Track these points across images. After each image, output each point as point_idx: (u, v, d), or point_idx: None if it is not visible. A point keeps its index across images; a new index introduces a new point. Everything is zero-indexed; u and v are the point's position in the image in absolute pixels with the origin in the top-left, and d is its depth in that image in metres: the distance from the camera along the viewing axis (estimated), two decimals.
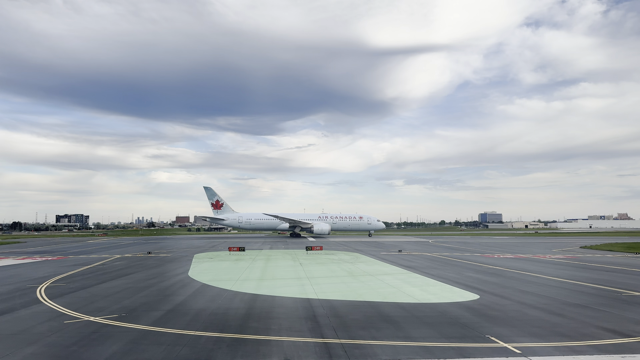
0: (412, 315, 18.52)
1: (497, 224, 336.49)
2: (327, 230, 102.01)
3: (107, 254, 55.34)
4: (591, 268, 38.59)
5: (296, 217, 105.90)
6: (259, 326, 16.63)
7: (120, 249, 64.44)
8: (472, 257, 49.76)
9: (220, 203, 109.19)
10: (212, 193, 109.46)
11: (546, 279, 30.37)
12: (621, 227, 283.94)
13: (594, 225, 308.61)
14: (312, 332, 15.66)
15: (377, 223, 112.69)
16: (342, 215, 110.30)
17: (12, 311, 19.72)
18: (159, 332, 15.74)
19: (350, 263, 41.97)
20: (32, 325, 17.04)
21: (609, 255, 54.98)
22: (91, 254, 54.91)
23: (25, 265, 40.98)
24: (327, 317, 18.02)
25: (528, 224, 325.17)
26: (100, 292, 25.24)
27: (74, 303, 21.53)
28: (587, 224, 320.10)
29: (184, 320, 17.69)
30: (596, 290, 25.77)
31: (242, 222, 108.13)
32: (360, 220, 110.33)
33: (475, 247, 69.62)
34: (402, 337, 14.88)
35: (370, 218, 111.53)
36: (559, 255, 53.76)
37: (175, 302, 22.02)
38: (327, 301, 21.75)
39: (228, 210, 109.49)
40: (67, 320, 17.75)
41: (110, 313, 19.07)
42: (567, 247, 72.08)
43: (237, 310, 19.71)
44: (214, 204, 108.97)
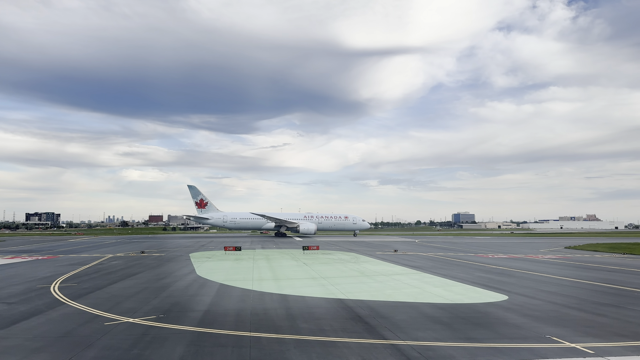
0: (456, 316, 18.51)
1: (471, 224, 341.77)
2: (313, 230, 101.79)
3: (97, 253, 53.96)
4: (592, 268, 39.42)
5: (282, 216, 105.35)
6: (311, 327, 16.36)
7: (109, 249, 62.93)
8: (468, 257, 50.28)
9: (205, 202, 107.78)
10: (196, 192, 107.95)
11: (558, 279, 30.85)
12: (591, 228, 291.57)
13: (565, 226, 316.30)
14: (370, 333, 15.48)
15: (363, 223, 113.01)
16: (328, 215, 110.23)
17: (40, 312, 18.95)
18: (212, 334, 15.33)
19: (354, 263, 41.89)
20: (73, 327, 16.40)
21: (598, 255, 56.31)
22: (80, 253, 53.46)
23: (20, 265, 39.59)
24: (373, 318, 17.86)
25: (501, 225, 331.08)
26: (118, 292, 24.51)
27: (100, 304, 20.84)
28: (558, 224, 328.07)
29: (229, 321, 17.30)
30: (615, 290, 26.29)
31: (227, 222, 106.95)
32: (345, 220, 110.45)
33: (464, 247, 70.42)
34: (464, 338, 14.84)
35: (356, 218, 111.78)
36: (550, 256, 54.79)
37: (205, 302, 21.55)
38: (361, 301, 21.58)
39: (212, 210, 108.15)
40: (106, 322, 17.14)
41: (146, 314, 18.51)
42: (552, 247, 73.52)
43: (276, 311, 19.38)
44: (198, 203, 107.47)
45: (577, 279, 30.86)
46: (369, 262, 43.02)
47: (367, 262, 43.02)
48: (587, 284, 28.49)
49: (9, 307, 20.12)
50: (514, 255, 55.18)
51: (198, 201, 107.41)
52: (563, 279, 30.76)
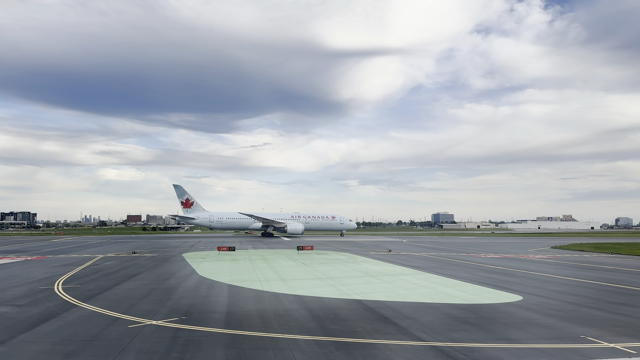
0: (482, 316, 18.51)
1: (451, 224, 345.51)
2: (301, 230, 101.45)
3: (87, 253, 52.80)
4: (588, 268, 40.04)
5: (270, 216, 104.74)
6: (342, 329, 16.17)
7: (96, 249, 61.70)
8: (462, 257, 50.64)
9: (191, 202, 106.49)
10: (182, 191, 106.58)
11: (561, 279, 31.19)
12: (568, 228, 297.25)
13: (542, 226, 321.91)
14: (404, 334, 15.34)
15: (350, 223, 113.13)
16: (315, 215, 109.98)
17: (56, 315, 18.36)
18: (246, 336, 15.02)
19: (353, 263, 41.81)
20: (98, 330, 15.90)
21: (586, 255, 57.24)
22: (69, 254, 52.28)
23: (12, 266, 38.48)
24: (400, 319, 17.73)
25: (480, 225, 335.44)
26: (127, 293, 23.95)
27: (114, 306, 20.30)
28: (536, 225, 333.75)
29: (255, 323, 17.00)
30: (622, 289, 26.66)
31: (214, 222, 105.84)
32: (333, 220, 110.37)
33: (453, 247, 70.94)
34: (502, 339, 14.80)
35: (343, 218, 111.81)
36: (540, 256, 55.50)
37: (221, 303, 21.18)
38: (380, 302, 21.45)
39: (198, 209, 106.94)
40: (129, 325, 16.67)
41: (167, 316, 18.08)
42: (539, 247, 74.53)
43: (298, 312, 19.12)
44: (183, 203, 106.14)
45: (579, 279, 31.27)
46: (367, 262, 42.98)
47: (366, 262, 42.98)
48: (593, 284, 28.88)
49: (21, 310, 19.46)
50: (505, 255, 55.75)
51: (184, 201, 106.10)
52: (566, 279, 31.12)
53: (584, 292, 25.32)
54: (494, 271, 35.71)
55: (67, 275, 31.35)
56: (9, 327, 16.19)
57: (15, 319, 17.58)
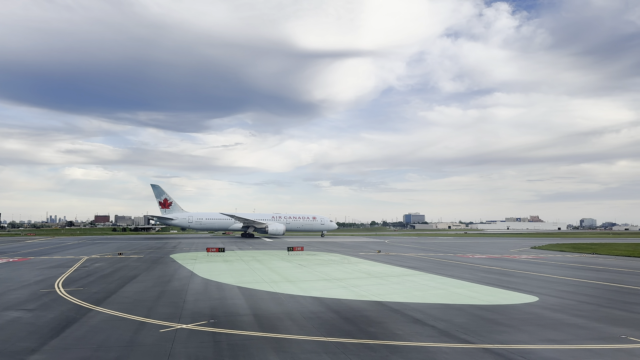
0: (511, 317, 18.56)
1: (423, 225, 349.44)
2: (282, 231, 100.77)
3: (69, 255, 51.15)
4: (581, 269, 40.90)
5: (251, 217, 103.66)
6: (382, 331, 15.96)
7: (76, 250, 59.92)
8: (452, 258, 51.09)
9: (169, 202, 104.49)
10: (160, 191, 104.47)
11: (563, 279, 31.61)
12: (535, 229, 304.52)
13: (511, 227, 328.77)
14: (448, 337, 15.20)
15: (330, 224, 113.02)
16: (296, 216, 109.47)
17: (76, 320, 17.57)
18: (289, 339, 14.64)
19: (350, 264, 41.67)
20: (130, 335, 15.26)
21: (569, 255, 58.40)
22: (51, 255, 50.60)
23: None
24: (434, 321, 17.61)
25: (451, 225, 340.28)
26: (137, 296, 23.20)
27: (131, 309, 19.59)
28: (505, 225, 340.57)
29: (289, 325, 16.64)
30: (628, 289, 27.18)
31: (193, 222, 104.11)
32: (313, 220, 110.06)
33: (436, 247, 71.59)
34: (546, 340, 14.82)
35: (324, 219, 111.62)
36: (525, 256, 56.39)
37: (241, 305, 20.71)
38: (402, 304, 21.31)
39: (177, 210, 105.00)
40: (160, 329, 16.07)
41: (194, 320, 17.52)
42: (519, 247, 75.76)
43: (327, 314, 18.82)
44: (162, 203, 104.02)
45: (579, 279, 31.84)
46: (363, 262, 42.92)
47: (361, 262, 42.91)
48: (596, 284, 29.42)
49: (36, 315, 18.56)
50: (491, 255, 56.48)
51: (162, 201, 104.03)
52: (567, 279, 31.60)
53: (592, 292, 25.77)
54: (492, 272, 36.07)
55: (62, 278, 30.22)
56: (34, 333, 15.39)
57: (34, 324, 16.74)
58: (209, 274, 33.05)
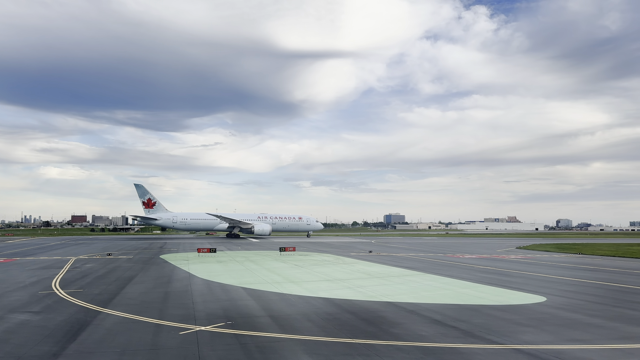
0: (528, 317, 18.57)
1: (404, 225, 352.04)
2: (268, 231, 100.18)
3: (56, 255, 49.99)
4: (575, 269, 41.43)
5: (237, 217, 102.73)
6: (406, 333, 15.79)
7: (61, 251, 58.62)
8: (443, 258, 51.37)
9: (153, 202, 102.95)
10: (143, 191, 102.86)
11: (562, 279, 31.75)
12: (514, 229, 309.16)
13: (490, 227, 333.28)
14: (475, 338, 15.11)
15: (316, 224, 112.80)
16: (282, 216, 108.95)
17: (88, 322, 17.03)
18: (317, 341, 14.38)
19: (345, 264, 41.56)
20: (150, 337, 14.85)
21: (556, 255, 59.05)
22: (37, 256, 49.42)
23: None
24: (453, 321, 17.54)
25: (431, 225, 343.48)
26: (142, 297, 22.70)
27: (141, 311, 19.11)
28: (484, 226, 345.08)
29: (311, 327, 16.39)
30: (630, 289, 27.44)
31: (177, 222, 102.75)
32: (299, 220, 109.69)
33: (424, 248, 71.96)
34: (572, 340, 14.81)
35: (310, 219, 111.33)
36: (513, 256, 56.96)
37: (253, 307, 20.38)
38: (415, 304, 21.22)
39: (161, 210, 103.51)
40: (180, 332, 15.67)
41: (211, 322, 17.13)
42: (505, 247, 76.52)
43: (344, 315, 18.62)
44: (145, 203, 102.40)
45: (578, 279, 32.15)
46: (358, 263, 42.85)
47: (357, 263, 42.84)
48: (597, 284, 29.70)
49: (43, 318, 17.95)
50: (481, 255, 56.91)
51: (145, 201, 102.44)
52: (566, 279, 31.82)
53: (594, 291, 26.04)
54: (489, 272, 36.28)
55: (56, 279, 29.45)
56: (49, 337, 14.84)
57: (46, 328, 16.16)
58: (207, 274, 32.56)
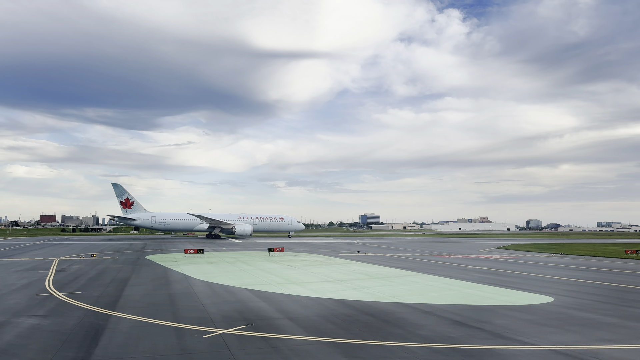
0: (546, 317, 18.72)
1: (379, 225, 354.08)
2: (250, 232, 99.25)
3: (36, 256, 48.36)
4: (566, 269, 42.14)
5: (218, 217, 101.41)
6: (432, 334, 15.71)
7: (41, 251, 56.76)
8: (432, 258, 51.71)
9: (131, 202, 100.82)
10: (121, 190, 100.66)
11: (558, 279, 32.11)
12: (486, 229, 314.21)
13: (463, 227, 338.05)
14: (501, 338, 15.13)
15: (298, 224, 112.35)
16: (263, 216, 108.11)
17: (103, 326, 16.39)
18: (348, 344, 14.14)
19: (340, 265, 41.40)
20: (175, 341, 14.33)
21: (539, 255, 59.83)
22: (17, 257, 47.86)
23: None
24: (476, 322, 17.48)
25: (406, 226, 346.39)
26: (147, 299, 22.05)
27: (152, 314, 18.55)
28: (457, 226, 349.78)
29: (335, 328, 16.15)
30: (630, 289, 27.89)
31: (156, 223, 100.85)
32: (281, 221, 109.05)
33: (409, 248, 72.31)
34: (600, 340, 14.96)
35: (291, 219, 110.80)
36: (498, 256, 57.70)
37: (266, 309, 20.00)
38: (429, 305, 21.17)
39: (139, 210, 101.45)
40: (204, 335, 15.22)
41: (230, 324, 16.72)
42: (486, 248, 77.52)
43: (362, 316, 18.43)
44: (123, 203, 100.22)
45: (574, 279, 32.61)
46: (352, 263, 42.74)
47: (351, 263, 42.72)
48: (597, 284, 30.12)
49: (53, 322, 17.21)
50: (466, 255, 57.46)
51: (123, 200, 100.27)
52: (563, 279, 32.10)
53: (597, 291, 26.39)
54: (484, 272, 36.56)
55: (48, 281, 28.49)
56: (69, 342, 14.20)
57: (61, 332, 15.49)
58: (203, 276, 31.95)
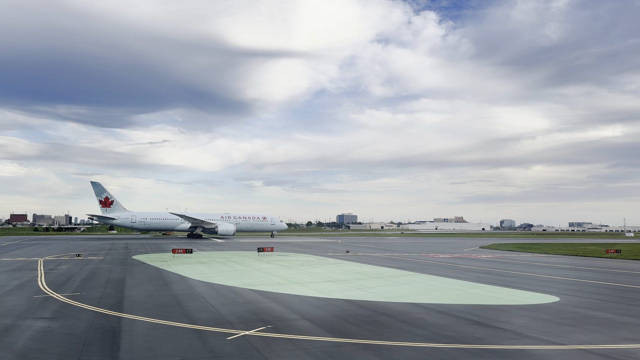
0: (561, 317, 18.83)
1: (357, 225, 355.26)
2: (232, 231, 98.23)
3: (19, 257, 46.94)
4: (557, 268, 42.78)
5: (200, 217, 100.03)
6: (457, 335, 15.64)
7: (20, 251, 55.12)
8: (420, 257, 51.96)
9: (110, 200, 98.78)
10: (100, 189, 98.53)
11: (555, 279, 32.23)
12: (462, 229, 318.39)
13: (439, 227, 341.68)
14: (527, 337, 15.13)
15: (281, 224, 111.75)
16: (246, 216, 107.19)
17: (118, 329, 15.83)
18: (379, 345, 13.96)
19: (334, 265, 41.23)
20: (199, 344, 13.89)
21: (523, 255, 60.64)
22: None
23: None
24: (492, 321, 17.50)
25: (383, 225, 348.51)
26: (151, 301, 21.47)
27: (165, 315, 18.03)
28: (434, 226, 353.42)
29: (357, 329, 15.94)
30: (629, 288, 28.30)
31: (136, 222, 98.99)
32: (264, 220, 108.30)
33: (394, 247, 72.54)
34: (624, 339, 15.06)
35: (274, 219, 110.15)
36: (484, 255, 58.33)
37: (281, 309, 19.66)
38: (441, 305, 21.12)
39: (119, 209, 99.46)
40: (227, 337, 14.81)
41: (249, 326, 16.34)
42: (469, 247, 78.33)
43: (378, 317, 18.24)
44: (102, 202, 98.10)
45: (571, 278, 33.00)
46: (346, 263, 42.62)
47: (344, 263, 42.61)
48: (594, 283, 30.44)
49: (63, 324, 16.54)
50: (453, 255, 57.94)
51: (103, 199, 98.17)
52: (560, 279, 32.22)
53: (599, 290, 26.57)
54: (478, 271, 36.81)
55: (41, 282, 27.58)
56: (89, 346, 13.64)
57: (76, 335, 14.89)
58: (200, 276, 31.39)
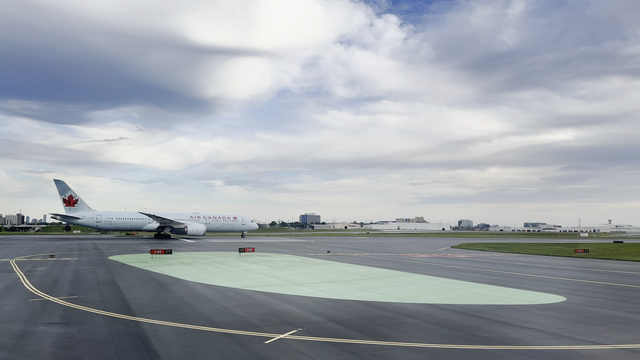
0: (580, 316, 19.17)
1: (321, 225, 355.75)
2: (203, 231, 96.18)
3: None
4: (546, 268, 43.79)
5: (169, 216, 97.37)
6: (497, 337, 15.63)
7: None
8: (400, 257, 52.28)
9: (75, 199, 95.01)
10: (64, 187, 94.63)
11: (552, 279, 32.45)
12: (423, 229, 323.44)
13: (401, 227, 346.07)
14: (562, 337, 15.29)
15: (251, 224, 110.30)
16: (216, 216, 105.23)
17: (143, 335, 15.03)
18: (428, 348, 13.75)
19: (324, 265, 40.93)
20: (241, 349, 13.31)
21: (497, 254, 61.89)
22: None
23: None
24: (520, 322, 17.53)
25: (347, 225, 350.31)
26: (161, 304, 20.64)
27: (184, 319, 17.29)
28: (396, 226, 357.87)
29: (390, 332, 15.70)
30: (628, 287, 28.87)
31: (102, 222, 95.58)
32: (234, 220, 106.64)
33: (371, 247, 72.80)
34: None
35: (245, 219, 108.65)
36: (461, 255, 59.22)
37: (301, 312, 19.23)
38: (458, 306, 21.11)
39: (84, 208, 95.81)
40: (265, 340, 14.27)
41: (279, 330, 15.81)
42: (440, 247, 79.42)
43: (404, 319, 18.06)
44: (66, 200, 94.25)
45: (568, 278, 33.69)
46: (334, 263, 42.42)
47: (332, 264, 42.40)
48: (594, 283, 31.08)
49: (81, 330, 15.55)
50: (431, 254, 58.52)
51: (67, 198, 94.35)
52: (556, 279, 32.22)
53: (601, 289, 26.95)
54: (470, 271, 37.01)
55: (27, 285, 26.11)
56: (124, 353, 12.84)
57: (101, 342, 14.03)
58: (193, 277, 30.56)
